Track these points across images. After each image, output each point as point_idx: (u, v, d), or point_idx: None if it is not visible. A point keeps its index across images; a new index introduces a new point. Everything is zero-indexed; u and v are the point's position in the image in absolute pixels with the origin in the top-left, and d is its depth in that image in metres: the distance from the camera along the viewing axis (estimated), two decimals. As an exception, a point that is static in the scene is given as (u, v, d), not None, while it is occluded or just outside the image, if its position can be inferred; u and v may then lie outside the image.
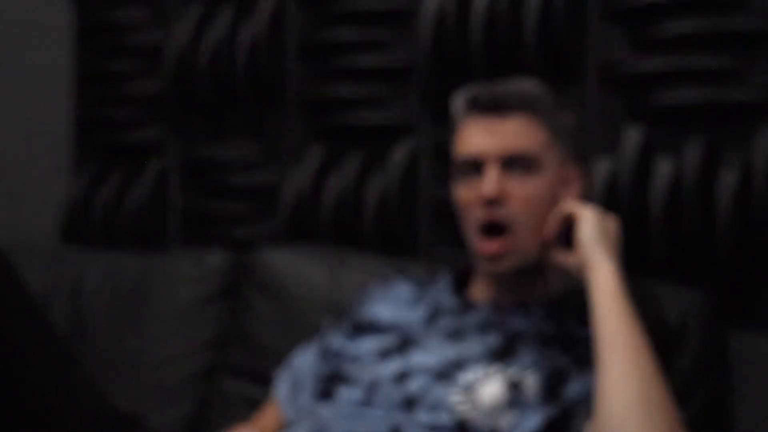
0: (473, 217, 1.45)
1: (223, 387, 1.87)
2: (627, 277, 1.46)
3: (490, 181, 1.42)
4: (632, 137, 1.75)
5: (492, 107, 1.46)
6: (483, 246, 1.44)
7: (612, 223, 1.42)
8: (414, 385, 1.37)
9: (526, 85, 1.49)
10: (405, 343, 1.46)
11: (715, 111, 1.69)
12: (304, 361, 1.58)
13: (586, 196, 1.52)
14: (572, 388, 1.35)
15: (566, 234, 1.44)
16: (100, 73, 2.43)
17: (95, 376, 1.67)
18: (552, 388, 1.35)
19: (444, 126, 1.86)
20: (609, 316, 1.30)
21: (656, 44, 1.73)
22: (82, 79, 2.48)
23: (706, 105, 1.69)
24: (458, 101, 1.52)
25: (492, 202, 1.42)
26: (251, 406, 1.68)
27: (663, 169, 1.72)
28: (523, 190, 1.43)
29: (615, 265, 1.35)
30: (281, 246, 1.96)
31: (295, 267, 1.87)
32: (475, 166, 1.46)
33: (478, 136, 1.46)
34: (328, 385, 1.47)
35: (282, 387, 1.58)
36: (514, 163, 1.44)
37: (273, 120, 2.16)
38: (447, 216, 1.88)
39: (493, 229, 1.44)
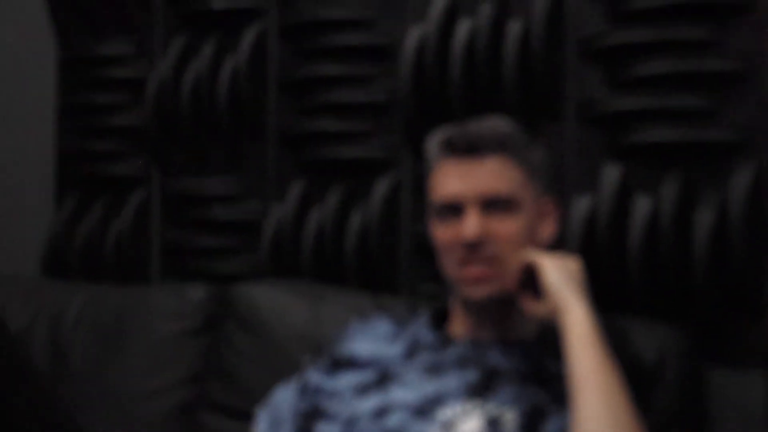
0: (454, 255, 1.47)
1: (203, 422, 1.87)
2: (603, 315, 1.48)
3: (472, 225, 1.43)
4: (610, 175, 1.77)
5: (467, 150, 1.47)
6: (466, 271, 1.45)
7: (574, 264, 1.42)
8: (393, 421, 1.38)
9: (499, 125, 1.50)
10: (383, 378, 1.47)
11: (692, 150, 1.71)
12: (284, 398, 1.58)
13: (561, 229, 1.54)
14: (551, 425, 1.36)
15: (533, 281, 1.45)
16: (82, 105, 2.43)
17: (75, 410, 1.68)
18: (531, 424, 1.36)
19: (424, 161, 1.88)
20: (582, 357, 1.30)
21: (633, 84, 1.76)
22: (64, 111, 2.48)
23: (682, 144, 1.71)
24: (432, 144, 1.53)
25: (473, 245, 1.43)
26: (230, 441, 1.68)
27: (641, 207, 1.74)
28: (503, 229, 1.45)
29: (585, 305, 1.36)
30: (262, 281, 1.96)
31: (276, 302, 1.88)
32: (454, 209, 1.47)
33: (456, 180, 1.47)
34: (307, 421, 1.48)
35: (262, 425, 1.57)
36: (493, 204, 1.45)
37: (254, 153, 2.17)
38: (428, 251, 1.89)
39: (474, 261, 1.45)
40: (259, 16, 2.16)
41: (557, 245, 1.67)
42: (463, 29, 1.89)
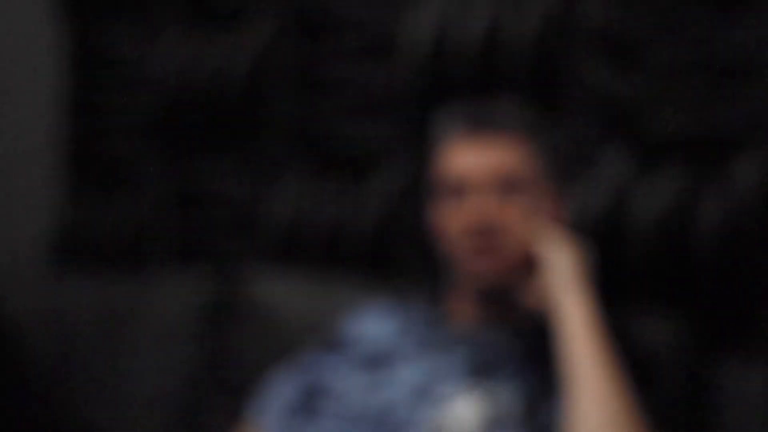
0: (461, 240, 1.43)
1: (209, 406, 1.87)
2: (606, 306, 1.45)
3: (482, 203, 1.41)
4: (612, 163, 1.74)
5: (479, 128, 1.44)
6: (473, 264, 1.42)
7: (577, 254, 1.39)
8: (390, 401, 1.36)
9: (512, 106, 1.49)
10: (381, 358, 1.45)
11: (696, 137, 1.69)
12: (283, 381, 1.56)
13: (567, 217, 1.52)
14: (550, 407, 1.34)
15: (535, 268, 1.42)
16: (92, 95, 2.44)
17: (83, 401, 1.68)
18: (529, 406, 1.34)
19: (427, 149, 1.87)
20: (574, 354, 1.29)
21: (636, 71, 1.73)
22: (73, 101, 2.48)
23: (686, 132, 1.69)
24: (443, 121, 1.51)
25: (481, 222, 1.40)
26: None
27: (644, 197, 1.71)
28: (512, 210, 1.41)
29: (584, 299, 1.33)
30: (265, 268, 1.97)
31: (279, 289, 1.87)
32: (461, 187, 1.43)
33: (467, 157, 1.44)
34: (307, 403, 1.46)
35: (261, 408, 1.56)
36: (504, 184, 1.42)
37: (265, 146, 2.17)
38: (429, 234, 1.87)
39: (484, 250, 1.42)
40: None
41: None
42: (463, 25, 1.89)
